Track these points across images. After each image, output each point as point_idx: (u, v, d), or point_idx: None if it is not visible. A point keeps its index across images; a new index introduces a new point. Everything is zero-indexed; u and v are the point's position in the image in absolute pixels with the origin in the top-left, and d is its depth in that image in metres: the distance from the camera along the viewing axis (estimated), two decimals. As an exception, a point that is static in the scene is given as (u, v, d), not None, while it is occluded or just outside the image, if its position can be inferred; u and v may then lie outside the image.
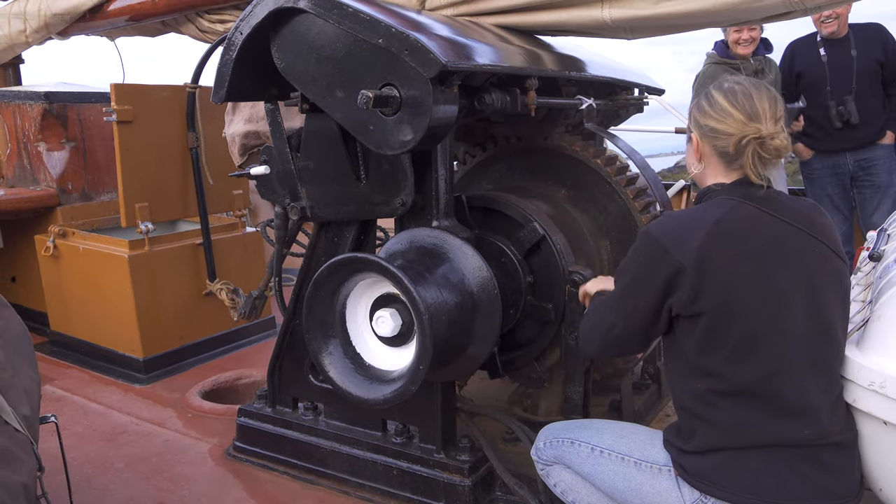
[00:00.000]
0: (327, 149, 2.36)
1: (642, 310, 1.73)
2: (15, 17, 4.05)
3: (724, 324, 1.62)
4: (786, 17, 2.19)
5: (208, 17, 3.61)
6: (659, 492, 1.76)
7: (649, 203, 2.66)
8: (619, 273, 1.82)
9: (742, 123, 1.69)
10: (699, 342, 1.66)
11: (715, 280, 1.62)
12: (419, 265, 2.12)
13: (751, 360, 1.62)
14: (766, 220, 1.67)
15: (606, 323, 1.83)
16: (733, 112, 1.70)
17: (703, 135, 1.78)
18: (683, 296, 1.64)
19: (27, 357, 1.94)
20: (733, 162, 1.74)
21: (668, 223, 1.72)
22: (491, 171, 2.99)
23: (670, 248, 1.65)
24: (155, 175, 3.75)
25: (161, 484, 2.65)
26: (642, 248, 1.74)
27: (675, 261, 1.64)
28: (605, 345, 1.87)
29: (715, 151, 1.76)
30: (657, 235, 1.69)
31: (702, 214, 1.69)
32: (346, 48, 2.06)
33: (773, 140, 1.68)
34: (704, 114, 1.76)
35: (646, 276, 1.71)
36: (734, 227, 1.65)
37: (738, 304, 1.62)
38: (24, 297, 4.52)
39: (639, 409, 2.92)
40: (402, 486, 2.44)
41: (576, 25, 2.45)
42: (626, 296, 1.79)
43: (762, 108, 1.69)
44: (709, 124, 1.75)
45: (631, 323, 1.77)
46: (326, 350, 2.19)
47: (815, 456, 1.61)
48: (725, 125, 1.71)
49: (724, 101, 1.72)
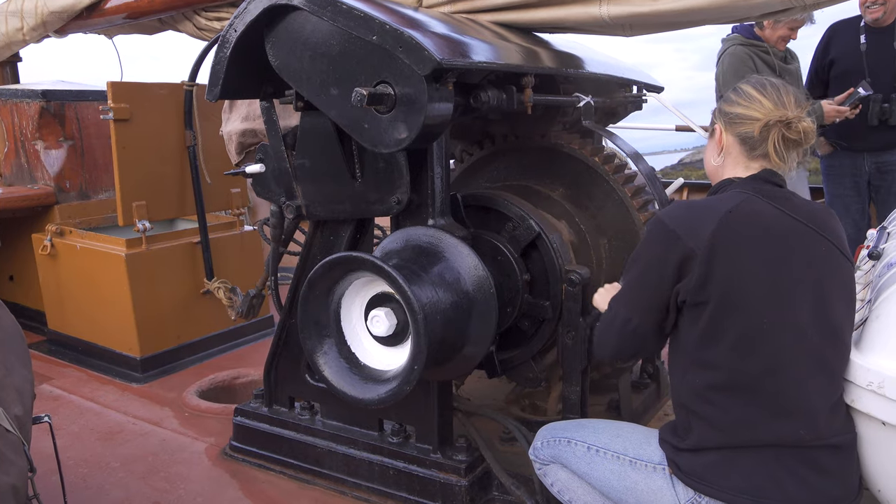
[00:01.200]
0: (322, 147, 2.35)
1: (657, 299, 1.71)
2: (12, 14, 4.05)
3: (727, 314, 1.61)
4: (784, 13, 2.18)
5: (205, 14, 3.60)
6: (653, 490, 1.75)
7: (647, 201, 2.65)
8: (629, 265, 1.80)
9: (769, 109, 1.71)
10: (701, 332, 1.64)
11: (723, 268, 1.60)
12: (414, 264, 2.11)
13: (752, 353, 1.61)
14: (777, 215, 1.66)
15: (621, 318, 1.78)
16: (762, 99, 1.72)
17: (728, 122, 1.79)
18: (691, 282, 1.63)
19: (20, 356, 1.93)
20: (755, 149, 1.74)
21: (679, 211, 1.72)
22: (488, 169, 2.97)
23: (681, 235, 1.64)
24: (152, 173, 3.74)
25: (157, 483, 2.64)
26: (653, 236, 1.73)
27: (686, 247, 1.63)
28: (622, 343, 1.80)
29: (738, 139, 1.77)
30: (668, 222, 1.69)
31: (715, 204, 1.68)
32: (340, 45, 2.05)
33: (799, 122, 1.70)
34: (731, 103, 1.79)
35: (658, 264, 1.69)
36: (746, 219, 1.64)
37: (743, 294, 1.60)
38: (21, 295, 4.52)
39: (637, 408, 2.91)
40: (398, 485, 2.43)
41: (573, 22, 2.43)
42: (639, 286, 1.76)
43: (789, 99, 1.72)
44: (735, 111, 1.77)
45: (647, 315, 1.74)
46: (321, 349, 2.18)
47: (811, 457, 1.60)
48: (752, 110, 1.73)
49: (753, 90, 1.75)
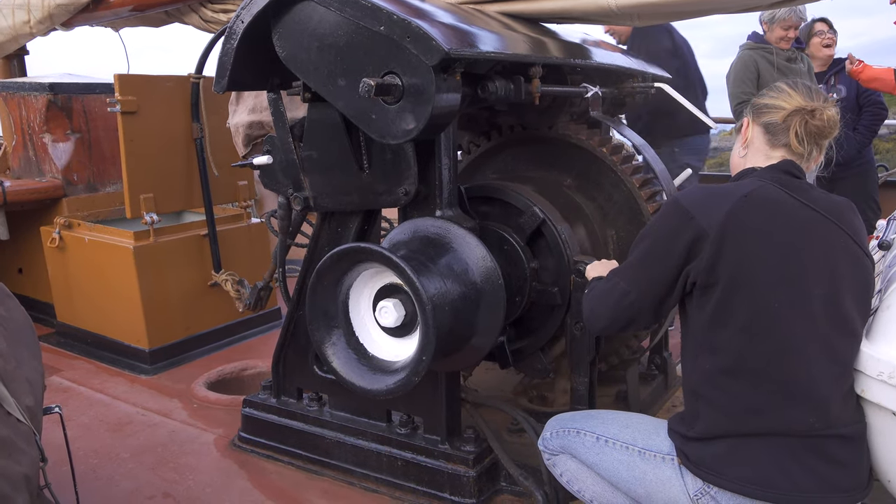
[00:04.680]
0: (330, 138, 2.35)
1: (659, 276, 1.71)
2: (19, 7, 4.05)
3: (737, 296, 1.61)
4: (793, 2, 2.16)
5: (212, 6, 3.61)
6: (662, 480, 1.75)
7: (655, 192, 2.64)
8: (638, 240, 1.80)
9: (797, 102, 1.74)
10: (711, 314, 1.64)
11: (735, 250, 1.60)
12: (422, 255, 2.11)
13: (762, 336, 1.60)
14: (794, 204, 1.66)
15: (619, 290, 1.79)
16: (791, 93, 1.77)
17: (755, 112, 1.82)
18: (702, 263, 1.63)
19: (31, 348, 1.94)
20: (778, 136, 1.76)
21: (695, 192, 1.72)
22: (495, 160, 2.97)
23: (695, 215, 1.65)
24: (160, 166, 3.74)
25: (166, 474, 2.66)
26: (666, 214, 1.73)
27: (699, 226, 1.63)
28: (616, 315, 1.81)
29: (762, 128, 1.80)
30: (683, 202, 1.69)
31: (732, 189, 1.69)
32: (347, 36, 2.04)
33: (824, 111, 1.73)
34: (762, 96, 1.83)
35: (667, 242, 1.69)
36: (762, 204, 1.64)
37: (753, 277, 1.60)
38: (30, 288, 4.54)
39: (645, 399, 2.91)
40: (406, 476, 2.44)
41: (581, 12, 2.42)
42: (644, 261, 1.76)
43: (818, 96, 1.76)
44: (763, 101, 1.81)
45: (646, 289, 1.74)
46: (330, 340, 2.18)
47: (821, 447, 1.59)
48: (780, 101, 1.77)
49: (785, 85, 1.80)
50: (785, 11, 4.31)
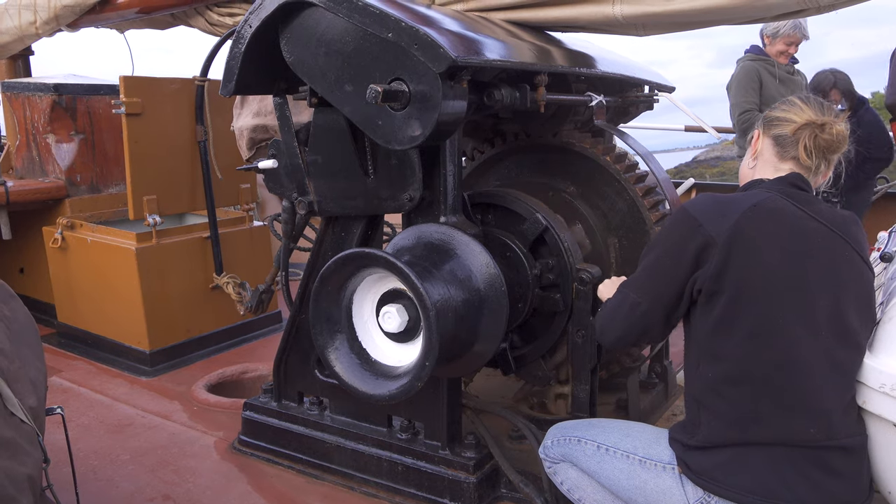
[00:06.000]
0: (335, 143, 2.36)
1: (669, 284, 1.72)
2: (25, 8, 4.06)
3: (742, 304, 1.62)
4: (799, 14, 2.17)
5: (217, 10, 3.61)
6: (662, 490, 1.75)
7: (658, 201, 2.65)
8: (647, 250, 1.81)
9: (808, 116, 1.75)
10: (715, 323, 1.65)
11: (742, 258, 1.61)
12: (426, 261, 2.11)
13: (764, 345, 1.61)
14: (801, 216, 1.68)
15: (630, 301, 1.79)
16: (804, 106, 1.77)
17: (766, 125, 1.84)
18: (709, 270, 1.63)
19: (34, 348, 1.95)
20: (787, 149, 1.77)
21: (703, 201, 1.74)
22: (499, 167, 2.97)
23: (704, 223, 1.66)
24: (163, 168, 3.75)
25: (166, 476, 2.66)
26: (675, 223, 1.74)
27: (707, 234, 1.64)
28: (628, 328, 1.82)
29: (772, 141, 1.81)
30: (691, 210, 1.70)
31: (740, 198, 1.70)
32: (355, 42, 2.05)
33: (834, 125, 1.74)
34: (774, 108, 1.84)
35: (676, 250, 1.70)
36: (769, 214, 1.66)
37: (760, 286, 1.61)
38: (31, 288, 4.54)
39: (645, 408, 2.91)
40: (406, 482, 2.44)
41: (586, 21, 2.43)
42: (654, 271, 1.77)
43: (830, 111, 1.77)
44: (774, 114, 1.82)
45: (657, 299, 1.75)
46: (332, 345, 2.19)
47: (822, 458, 1.60)
48: (791, 114, 1.78)
49: (798, 99, 1.81)
50: (789, 27, 4.35)
